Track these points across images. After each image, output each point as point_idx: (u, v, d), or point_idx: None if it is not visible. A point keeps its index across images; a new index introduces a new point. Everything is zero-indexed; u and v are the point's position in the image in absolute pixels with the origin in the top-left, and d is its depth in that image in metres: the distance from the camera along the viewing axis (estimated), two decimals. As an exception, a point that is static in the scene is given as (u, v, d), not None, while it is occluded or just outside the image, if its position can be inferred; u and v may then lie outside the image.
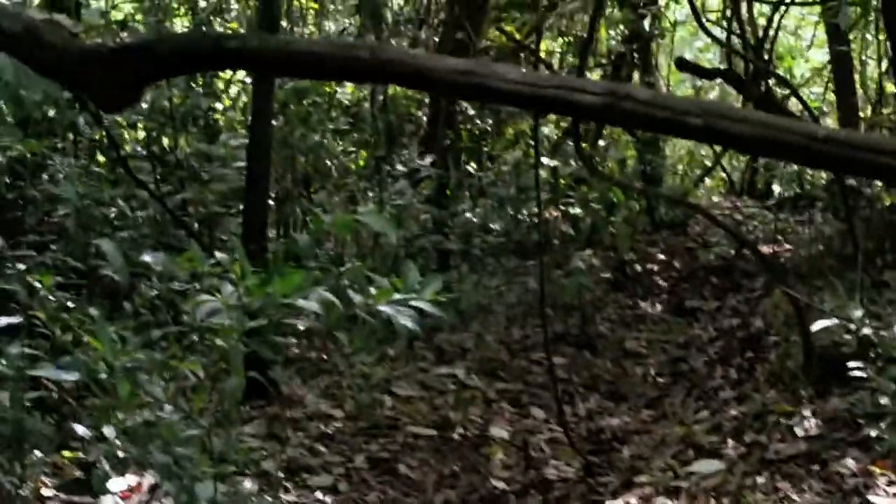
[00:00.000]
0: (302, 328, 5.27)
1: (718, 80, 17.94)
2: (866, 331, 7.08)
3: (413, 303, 4.80)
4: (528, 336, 11.17)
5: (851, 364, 6.99)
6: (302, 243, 5.66)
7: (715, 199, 19.63)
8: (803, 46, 19.94)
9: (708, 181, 20.77)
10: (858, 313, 7.25)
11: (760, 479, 6.39)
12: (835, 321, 7.34)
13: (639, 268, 13.70)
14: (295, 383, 8.80)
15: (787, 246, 14.03)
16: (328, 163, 12.59)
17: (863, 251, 9.42)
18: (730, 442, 7.32)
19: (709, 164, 20.59)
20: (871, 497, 6.04)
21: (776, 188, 19.67)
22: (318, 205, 12.24)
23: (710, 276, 13.40)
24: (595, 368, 10.43)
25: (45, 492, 6.06)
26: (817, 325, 7.36)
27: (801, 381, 7.93)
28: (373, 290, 4.84)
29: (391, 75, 3.10)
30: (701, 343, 11.18)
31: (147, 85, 3.14)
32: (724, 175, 21.52)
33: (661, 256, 14.17)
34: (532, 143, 16.45)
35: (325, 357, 9.85)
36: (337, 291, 4.84)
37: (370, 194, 13.11)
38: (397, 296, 4.80)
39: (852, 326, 7.21)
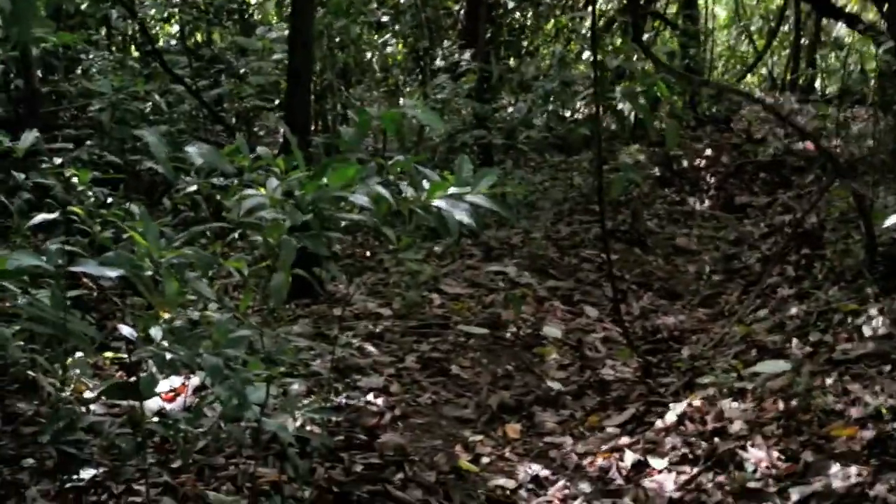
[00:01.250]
0: (344, 224, 4.96)
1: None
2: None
3: (469, 198, 4.50)
4: (577, 233, 10.95)
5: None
6: (347, 136, 5.34)
7: (757, 94, 19.30)
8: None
9: (749, 77, 20.49)
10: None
11: (829, 381, 6.10)
12: (903, 217, 6.96)
13: (685, 163, 13.42)
14: (340, 281, 8.58)
15: (836, 142, 13.72)
16: (368, 56, 12.31)
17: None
18: (794, 341, 7.01)
19: (750, 60, 20.31)
20: (945, 401, 5.74)
21: (818, 84, 19.39)
22: (357, 98, 11.97)
23: (758, 172, 13.10)
24: (646, 265, 10.20)
25: (87, 394, 5.85)
26: (889, 221, 6.98)
27: (866, 278, 7.61)
28: (425, 185, 4.54)
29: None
30: (753, 240, 10.92)
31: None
32: (764, 71, 21.23)
33: (708, 152, 13.85)
34: (572, 37, 16.15)
35: (368, 254, 9.64)
36: (386, 185, 4.55)
37: (408, 88, 12.87)
38: (452, 190, 4.50)
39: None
